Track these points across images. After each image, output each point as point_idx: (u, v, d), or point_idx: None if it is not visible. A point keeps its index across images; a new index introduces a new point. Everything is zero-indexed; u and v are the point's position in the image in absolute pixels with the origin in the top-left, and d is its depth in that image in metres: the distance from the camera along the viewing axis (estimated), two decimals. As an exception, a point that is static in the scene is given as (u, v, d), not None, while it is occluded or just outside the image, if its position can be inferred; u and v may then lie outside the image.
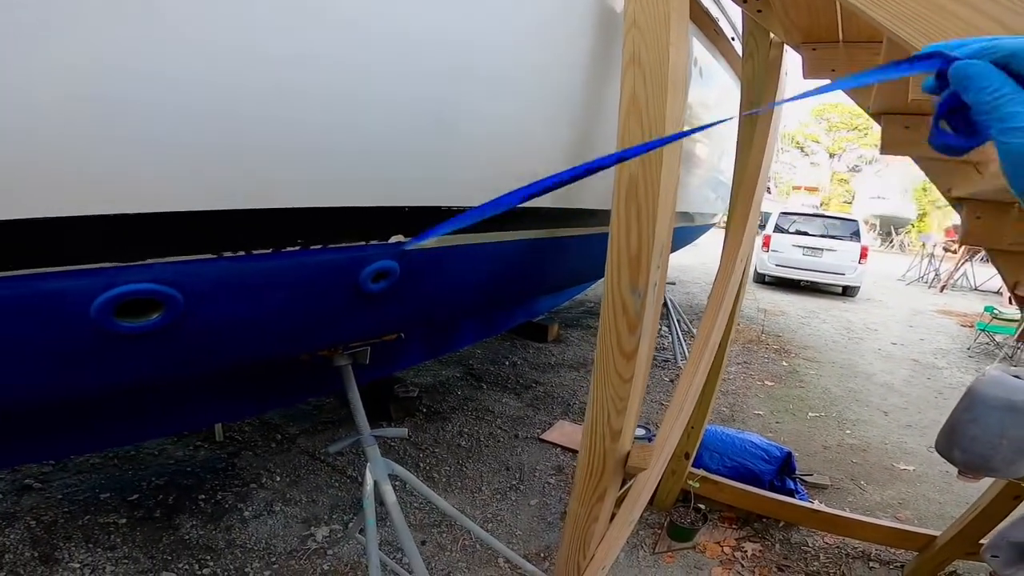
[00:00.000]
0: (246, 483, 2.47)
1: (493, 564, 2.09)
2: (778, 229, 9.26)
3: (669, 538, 2.24)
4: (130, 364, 1.01)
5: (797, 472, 2.67)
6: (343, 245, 1.09)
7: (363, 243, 1.13)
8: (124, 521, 2.17)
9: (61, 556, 1.95)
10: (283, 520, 2.25)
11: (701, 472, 2.40)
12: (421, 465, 2.69)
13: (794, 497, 2.45)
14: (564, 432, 3.12)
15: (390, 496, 1.60)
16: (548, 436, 3.06)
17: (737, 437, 2.68)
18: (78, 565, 1.92)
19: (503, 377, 3.85)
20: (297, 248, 1.01)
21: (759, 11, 1.76)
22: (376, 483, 1.61)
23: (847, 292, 9.22)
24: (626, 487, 1.87)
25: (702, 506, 2.30)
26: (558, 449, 2.94)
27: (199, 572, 1.94)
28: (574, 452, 2.90)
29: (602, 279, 1.34)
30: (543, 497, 2.52)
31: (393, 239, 1.18)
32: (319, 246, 1.04)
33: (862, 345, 5.96)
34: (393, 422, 3.02)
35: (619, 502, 1.64)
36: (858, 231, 9.12)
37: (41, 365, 0.88)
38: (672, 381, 3.99)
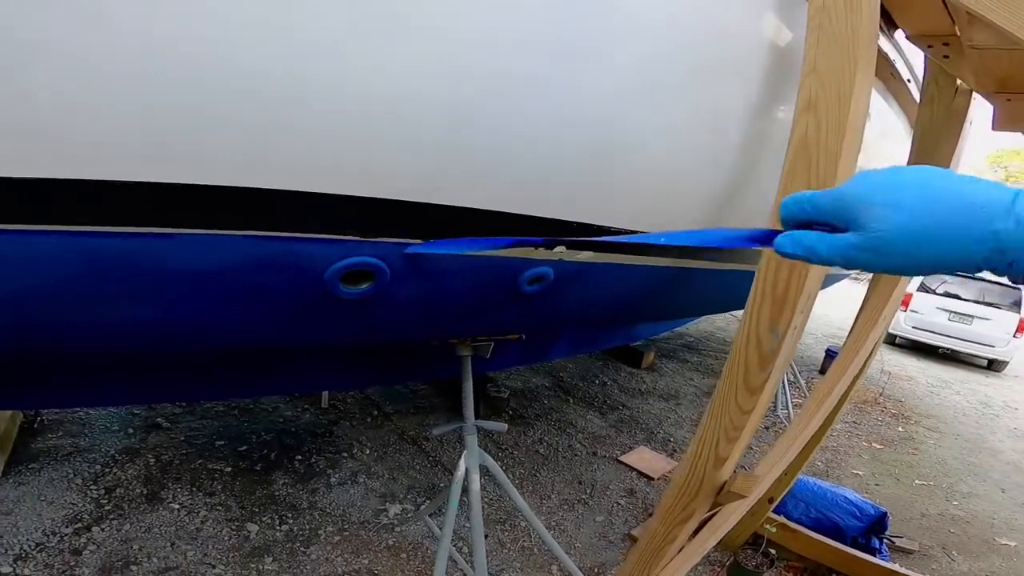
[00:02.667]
0: (338, 451, 2.72)
1: (546, 570, 2.14)
2: (923, 288, 8.29)
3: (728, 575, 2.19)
4: (333, 325, 1.17)
5: (887, 533, 2.51)
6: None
7: (532, 247, 1.20)
8: (229, 470, 2.47)
9: (165, 496, 2.23)
10: (363, 491, 2.45)
11: (780, 518, 2.32)
12: (498, 463, 2.80)
13: (875, 556, 2.31)
14: (643, 457, 3.10)
15: (475, 485, 1.70)
16: (627, 459, 3.05)
17: (830, 490, 2.59)
18: (177, 506, 2.18)
19: (591, 394, 3.89)
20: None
21: (946, 56, 1.64)
22: (467, 470, 1.71)
23: (993, 366, 8.07)
24: (708, 514, 1.85)
25: (773, 551, 2.21)
26: (634, 473, 2.93)
27: (278, 528, 2.15)
28: (649, 478, 2.88)
29: (705, 316, 1.32)
30: (609, 516, 2.54)
31: (558, 249, 1.26)
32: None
33: (996, 422, 5.28)
34: (480, 418, 3.17)
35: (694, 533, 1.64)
36: (1020, 300, 7.96)
37: (271, 314, 1.05)
38: (768, 428, 3.80)
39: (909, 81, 2.71)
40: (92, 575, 1.81)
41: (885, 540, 2.53)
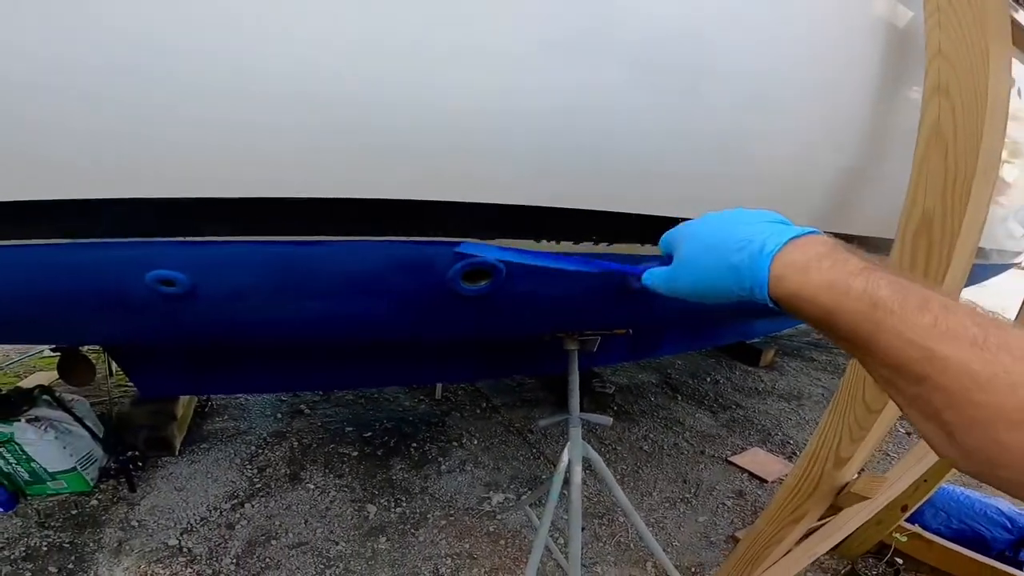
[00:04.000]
0: (449, 440, 2.93)
1: (640, 566, 2.15)
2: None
3: None
4: (454, 320, 1.30)
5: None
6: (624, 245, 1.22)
7: (639, 244, 1.22)
8: (356, 454, 2.75)
9: (304, 477, 2.54)
10: (469, 479, 2.62)
11: (915, 528, 2.13)
12: (600, 458, 2.84)
13: (1021, 571, 2.03)
14: (756, 459, 2.96)
15: (577, 477, 1.75)
16: (738, 459, 2.94)
17: (979, 500, 2.32)
18: (313, 487, 2.48)
19: (701, 393, 3.77)
20: (602, 245, 1.16)
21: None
22: (570, 462, 1.77)
23: None
24: (823, 521, 1.76)
25: (900, 560, 2.03)
26: (745, 475, 2.82)
27: (393, 509, 2.37)
28: (762, 481, 2.75)
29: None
30: (713, 516, 2.47)
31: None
32: (606, 244, 1.18)
33: None
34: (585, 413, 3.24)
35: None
36: None
37: (402, 311, 1.19)
38: (908, 434, 3.44)
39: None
40: (241, 547, 2.10)
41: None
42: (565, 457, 1.75)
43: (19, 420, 2.19)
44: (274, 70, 0.76)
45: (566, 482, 1.76)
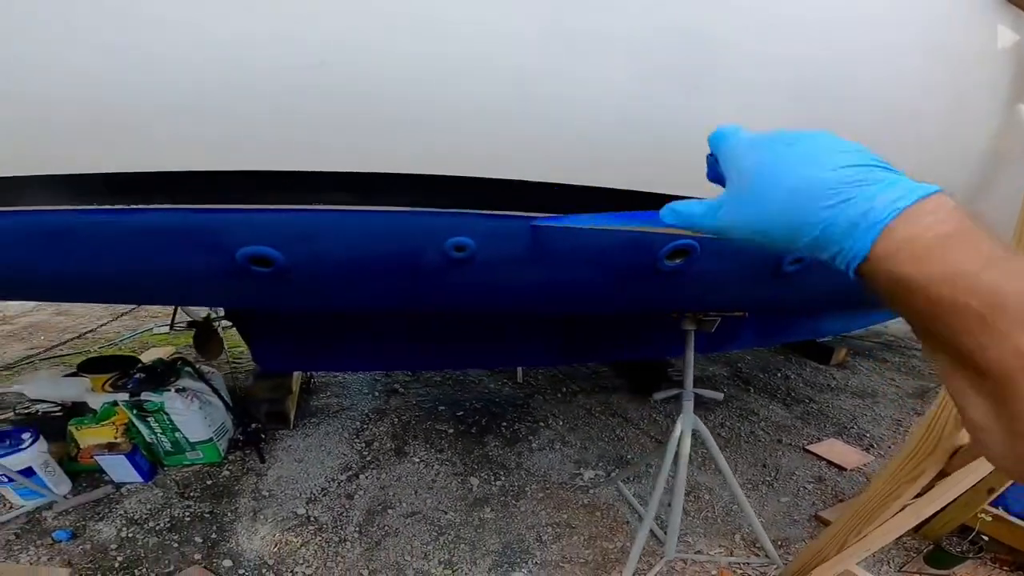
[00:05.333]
0: (536, 421, 3.11)
1: (729, 538, 2.28)
2: None
3: (925, 562, 2.12)
4: (650, 294, 1.46)
5: None
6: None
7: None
8: (451, 431, 2.97)
9: (408, 451, 2.76)
10: (559, 457, 2.79)
11: (998, 511, 2.18)
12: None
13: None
14: (834, 449, 3.03)
15: (685, 448, 1.91)
16: (815, 448, 3.01)
17: None
18: (418, 460, 2.70)
19: (772, 386, 3.83)
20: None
21: None
22: (681, 432, 1.92)
23: None
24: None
25: (986, 536, 2.10)
26: (823, 462, 2.89)
27: (494, 482, 2.56)
28: (841, 468, 2.82)
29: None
30: (795, 498, 2.57)
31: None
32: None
33: None
34: (660, 400, 3.38)
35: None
36: None
37: (616, 285, 1.37)
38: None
39: None
40: (361, 516, 2.31)
41: None
42: (678, 428, 1.90)
43: (168, 390, 2.46)
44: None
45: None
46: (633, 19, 0.94)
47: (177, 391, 2.48)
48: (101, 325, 4.63)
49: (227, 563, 2.01)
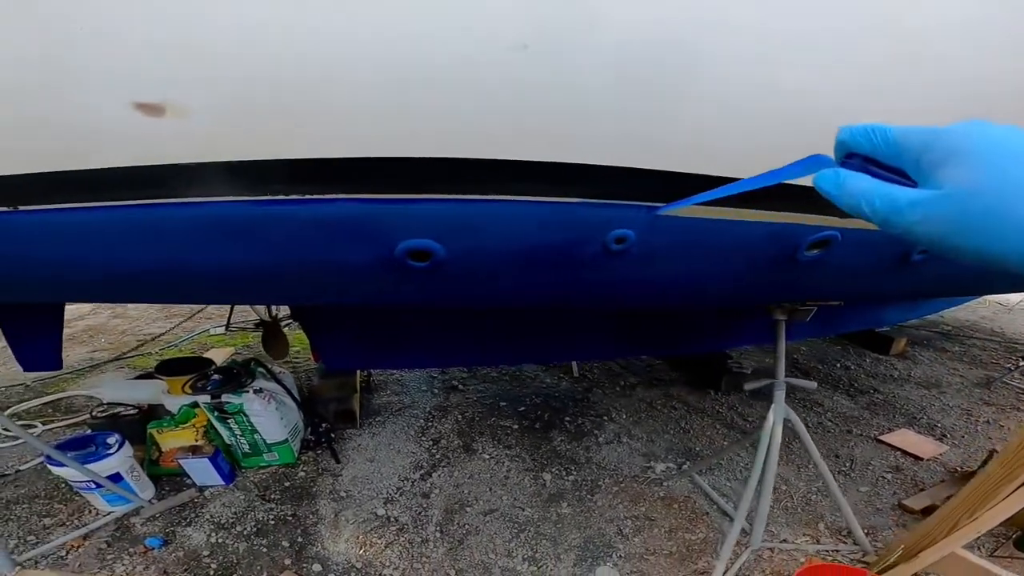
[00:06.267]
0: (599, 415, 3.10)
1: (813, 527, 2.26)
2: None
3: (1015, 547, 2.08)
4: (784, 285, 1.50)
5: None
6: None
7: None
8: (516, 427, 2.98)
9: (476, 448, 2.77)
10: (628, 451, 2.78)
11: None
12: (747, 434, 2.94)
13: None
14: (907, 439, 2.97)
15: (777, 436, 1.93)
16: (888, 438, 2.96)
17: None
18: (488, 457, 2.71)
19: (833, 377, 3.77)
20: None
21: None
22: (773, 422, 1.94)
23: None
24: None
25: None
26: (898, 452, 2.84)
27: (566, 477, 2.56)
28: (917, 458, 2.77)
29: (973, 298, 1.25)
30: (874, 487, 2.53)
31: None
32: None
33: None
34: (722, 392, 3.35)
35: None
36: None
37: (756, 275, 1.40)
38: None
39: None
40: (440, 515, 2.30)
41: None
42: (771, 417, 1.89)
43: (247, 391, 2.50)
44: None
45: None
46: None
47: (255, 392, 2.51)
48: (171, 328, 4.74)
49: (316, 567, 2.02)
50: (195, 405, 2.51)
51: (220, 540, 2.15)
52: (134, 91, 0.86)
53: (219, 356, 3.82)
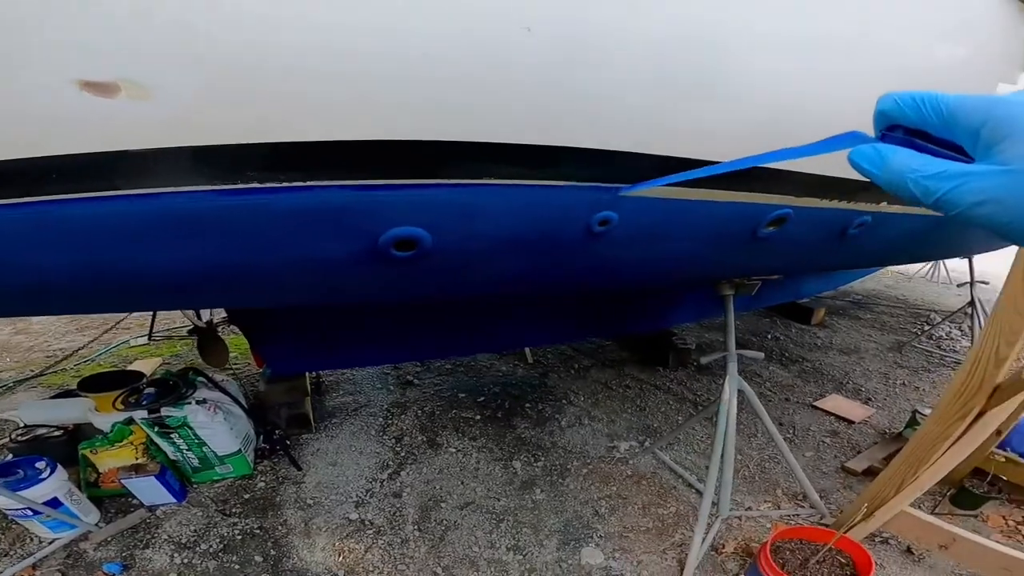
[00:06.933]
0: (558, 399, 3.13)
1: (771, 492, 2.40)
2: None
3: (952, 504, 2.29)
4: (744, 261, 1.54)
5: None
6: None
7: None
8: (478, 417, 2.94)
9: (441, 442, 2.72)
10: (591, 432, 2.83)
11: (1007, 453, 2.36)
12: (698, 409, 3.07)
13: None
14: (838, 404, 3.20)
15: (733, 407, 2.02)
16: (822, 404, 3.18)
17: None
18: (454, 449, 2.66)
19: (767, 348, 4.00)
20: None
21: None
22: (730, 395, 2.02)
23: None
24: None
25: (1004, 477, 2.28)
26: (832, 417, 3.05)
27: (535, 463, 2.57)
28: (849, 422, 2.99)
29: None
30: (817, 452, 2.71)
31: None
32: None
33: None
34: (670, 368, 3.47)
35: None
36: None
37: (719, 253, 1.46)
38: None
39: None
40: (416, 514, 2.24)
41: None
42: (727, 389, 1.97)
43: (188, 403, 2.31)
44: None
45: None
46: None
47: (198, 403, 2.34)
48: (88, 343, 4.30)
49: (296, 579, 1.92)
50: (130, 421, 2.30)
51: (186, 560, 2.00)
52: (82, 69, 0.76)
53: (146, 368, 3.53)
